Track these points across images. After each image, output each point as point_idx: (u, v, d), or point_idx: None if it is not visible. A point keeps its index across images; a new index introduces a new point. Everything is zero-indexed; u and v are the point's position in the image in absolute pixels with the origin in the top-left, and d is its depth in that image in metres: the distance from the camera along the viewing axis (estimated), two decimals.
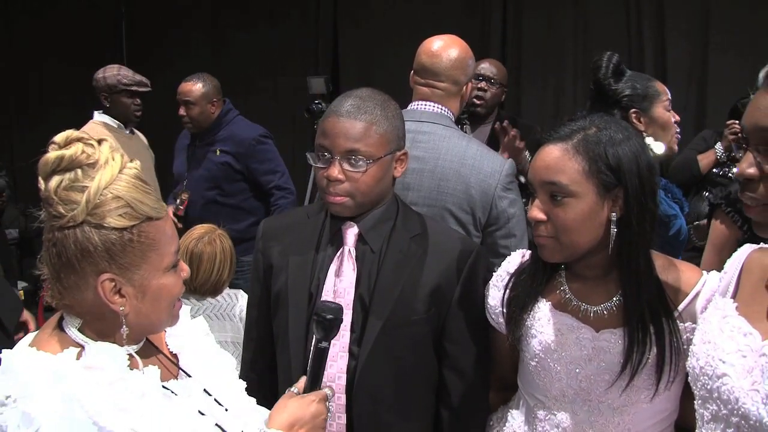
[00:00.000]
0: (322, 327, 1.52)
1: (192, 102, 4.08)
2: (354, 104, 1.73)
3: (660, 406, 1.59)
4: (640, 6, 5.16)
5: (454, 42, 2.48)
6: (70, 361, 1.18)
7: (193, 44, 6.55)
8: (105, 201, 1.18)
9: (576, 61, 5.40)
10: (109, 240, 1.19)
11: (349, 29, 6.20)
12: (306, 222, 1.89)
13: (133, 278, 1.23)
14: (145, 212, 1.22)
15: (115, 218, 1.19)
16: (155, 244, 1.23)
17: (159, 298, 1.28)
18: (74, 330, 1.24)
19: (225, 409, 1.38)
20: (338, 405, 1.75)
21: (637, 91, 2.54)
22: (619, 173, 1.51)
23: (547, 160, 1.55)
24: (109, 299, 1.22)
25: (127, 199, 1.20)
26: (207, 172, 4.15)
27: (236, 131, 4.17)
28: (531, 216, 1.56)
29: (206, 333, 1.53)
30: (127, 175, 1.22)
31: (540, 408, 1.66)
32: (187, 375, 1.40)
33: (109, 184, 1.19)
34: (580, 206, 1.51)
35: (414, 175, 2.31)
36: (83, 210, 1.17)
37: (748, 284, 1.38)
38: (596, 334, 1.58)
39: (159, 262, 1.25)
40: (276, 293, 1.85)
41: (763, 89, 1.20)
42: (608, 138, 1.53)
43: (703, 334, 1.37)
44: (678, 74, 4.99)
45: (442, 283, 1.78)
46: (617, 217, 1.53)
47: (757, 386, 1.20)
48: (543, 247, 1.58)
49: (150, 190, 1.24)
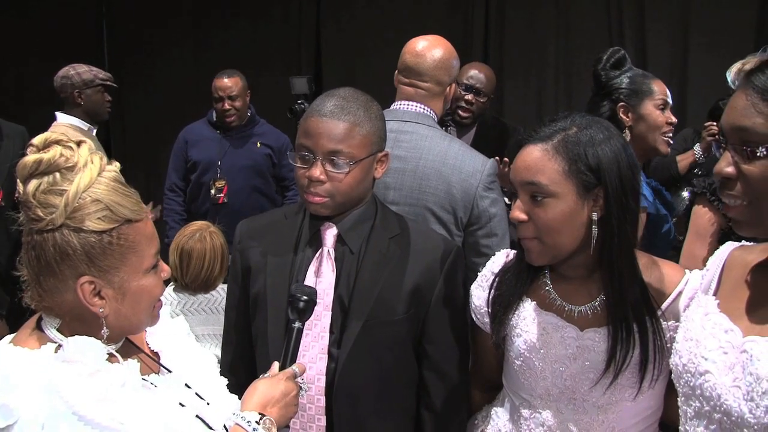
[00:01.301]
0: (296, 309, 1.54)
1: (237, 95, 4.39)
2: (337, 104, 1.72)
3: (644, 404, 1.60)
4: (621, 6, 5.20)
5: (438, 42, 2.48)
6: (49, 354, 1.19)
7: (175, 43, 6.50)
8: (84, 204, 1.18)
9: (558, 61, 5.43)
10: (88, 243, 1.19)
11: (331, 29, 6.18)
12: (284, 223, 1.87)
13: (113, 280, 1.23)
14: (125, 215, 1.22)
15: (94, 221, 1.19)
16: (135, 246, 1.24)
17: (139, 300, 1.28)
18: (53, 330, 1.24)
19: (207, 402, 1.38)
20: (318, 407, 1.74)
21: (628, 85, 2.56)
22: (599, 173, 1.52)
23: (527, 161, 1.55)
24: (89, 301, 1.22)
25: (106, 202, 1.20)
26: (252, 162, 4.47)
27: (270, 128, 4.60)
28: (513, 216, 1.57)
29: (187, 332, 1.53)
30: (106, 177, 1.21)
31: (525, 407, 1.66)
32: (168, 371, 1.39)
33: (88, 188, 1.19)
34: (560, 206, 1.52)
35: (396, 175, 2.31)
36: (62, 213, 1.17)
37: (730, 281, 1.39)
38: (581, 333, 1.58)
39: (139, 264, 1.25)
40: (255, 295, 1.84)
41: (739, 90, 1.22)
42: (588, 138, 1.53)
43: (686, 331, 1.37)
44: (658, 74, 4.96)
45: (422, 284, 1.77)
46: (598, 217, 1.53)
47: (738, 382, 1.21)
48: (529, 252, 1.58)
49: (129, 193, 1.24)
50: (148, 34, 6.53)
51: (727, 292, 1.37)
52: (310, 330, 1.75)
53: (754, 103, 1.18)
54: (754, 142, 1.17)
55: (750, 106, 1.18)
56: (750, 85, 1.20)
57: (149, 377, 1.32)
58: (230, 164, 4.42)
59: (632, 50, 5.11)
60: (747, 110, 1.19)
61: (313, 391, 1.74)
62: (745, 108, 1.19)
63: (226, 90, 4.38)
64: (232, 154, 4.44)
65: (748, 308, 1.29)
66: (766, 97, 1.17)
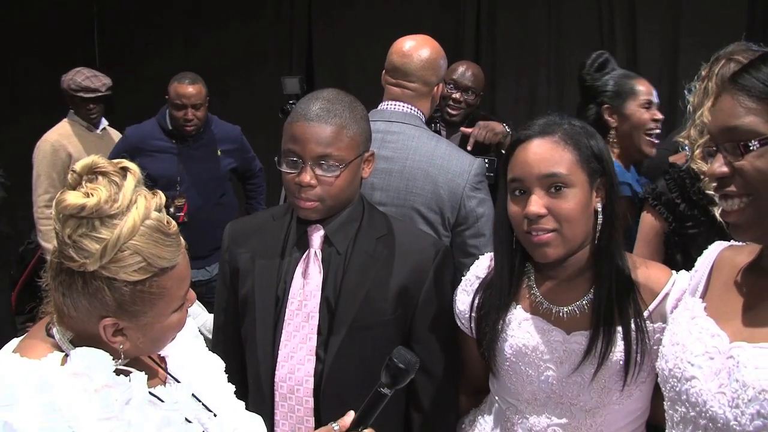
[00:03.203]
0: (390, 374, 1.43)
1: (201, 104, 3.95)
2: (323, 107, 1.70)
3: (632, 407, 1.60)
4: (613, 6, 5.20)
5: (425, 42, 2.47)
6: (54, 367, 1.15)
7: (166, 43, 6.48)
8: (122, 257, 1.13)
9: (549, 60, 5.43)
10: (120, 292, 1.16)
11: (323, 29, 6.16)
12: (272, 225, 1.87)
13: (138, 323, 1.21)
14: (161, 265, 1.18)
15: (129, 273, 1.15)
16: (166, 293, 1.21)
17: (161, 337, 1.27)
18: (64, 339, 1.21)
19: (213, 414, 1.37)
20: (307, 409, 1.74)
21: (612, 87, 2.60)
22: (602, 162, 1.55)
23: (540, 153, 1.54)
24: (110, 339, 1.20)
25: (145, 255, 1.15)
26: (214, 174, 4.08)
27: (223, 129, 4.18)
28: (531, 211, 1.52)
29: (195, 335, 1.51)
30: (148, 227, 1.16)
31: (512, 412, 1.66)
32: (175, 380, 1.37)
33: (129, 239, 1.13)
34: (578, 195, 1.53)
35: (382, 175, 2.30)
36: (96, 261, 1.12)
37: (718, 283, 1.38)
38: (567, 337, 1.58)
39: (167, 308, 1.23)
40: (243, 297, 1.83)
41: (724, 94, 1.24)
42: (584, 129, 1.57)
43: (672, 335, 1.37)
44: (649, 74, 4.99)
45: (409, 284, 1.77)
46: (602, 206, 1.56)
47: (724, 389, 1.20)
48: (545, 246, 1.54)
49: (170, 241, 1.19)
50: (139, 36, 6.51)
51: (715, 295, 1.37)
52: (298, 332, 1.75)
53: (741, 101, 1.19)
54: (745, 139, 1.18)
55: (737, 106, 1.20)
56: (736, 86, 1.21)
57: (156, 389, 1.28)
58: (191, 179, 3.99)
59: (623, 51, 5.13)
60: (734, 110, 1.20)
61: (301, 392, 1.73)
62: (732, 108, 1.21)
63: (191, 98, 3.91)
64: (193, 168, 4.00)
65: (736, 312, 1.29)
66: (752, 93, 1.18)
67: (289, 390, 1.74)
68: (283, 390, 1.75)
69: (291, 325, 1.75)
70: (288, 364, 1.74)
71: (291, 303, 1.76)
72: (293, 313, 1.76)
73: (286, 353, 1.75)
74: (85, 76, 4.25)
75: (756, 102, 1.18)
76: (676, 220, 2.16)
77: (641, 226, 2.29)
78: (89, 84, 4.24)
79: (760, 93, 1.18)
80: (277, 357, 1.75)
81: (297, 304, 1.76)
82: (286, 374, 1.74)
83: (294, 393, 1.74)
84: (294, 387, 1.73)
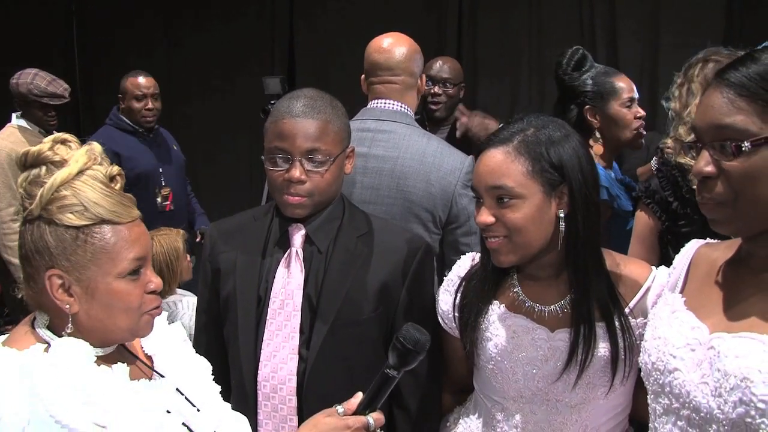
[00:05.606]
0: (398, 354, 1.35)
1: (157, 94, 4.04)
2: (307, 104, 1.73)
3: (615, 402, 1.61)
4: (593, 5, 5.23)
5: (401, 38, 2.48)
6: (36, 356, 1.18)
7: (147, 43, 6.43)
8: (58, 197, 1.19)
9: (531, 59, 5.45)
10: (59, 237, 1.20)
11: (305, 29, 6.15)
12: (253, 224, 1.87)
13: (81, 278, 1.22)
14: (100, 214, 1.21)
15: (66, 216, 1.20)
16: (108, 248, 1.22)
17: (110, 304, 1.25)
18: (44, 329, 1.25)
19: (197, 409, 1.37)
20: (290, 407, 1.73)
21: (592, 88, 2.57)
22: (562, 170, 1.53)
23: (490, 165, 1.55)
24: (56, 296, 1.22)
25: (82, 199, 1.20)
26: (180, 165, 4.29)
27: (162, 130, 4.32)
28: (479, 221, 1.56)
29: (183, 339, 1.51)
30: (89, 176, 1.22)
31: (498, 410, 1.66)
32: (161, 376, 1.38)
33: (65, 182, 1.19)
34: (527, 206, 1.52)
35: (374, 174, 2.30)
36: (37, 205, 1.19)
37: (696, 279, 1.39)
38: (551, 334, 1.58)
39: (111, 266, 1.23)
40: (225, 298, 1.82)
41: (711, 89, 1.21)
42: (547, 137, 1.55)
43: (654, 329, 1.38)
44: (629, 73, 5.00)
45: (389, 282, 1.77)
46: (565, 214, 1.54)
47: (706, 379, 1.21)
48: (497, 252, 1.57)
49: (112, 194, 1.24)
50: (119, 35, 6.46)
51: (694, 290, 1.38)
52: (280, 331, 1.74)
53: (731, 99, 1.17)
54: (736, 139, 1.16)
55: (728, 103, 1.17)
56: (724, 82, 1.19)
57: (139, 382, 1.31)
58: (168, 169, 4.16)
59: (603, 48, 5.16)
60: (725, 107, 1.17)
61: (284, 391, 1.73)
62: (722, 105, 1.18)
63: (150, 88, 4.00)
64: (165, 159, 4.17)
65: (715, 305, 1.30)
66: (743, 92, 1.16)
67: (272, 389, 1.73)
68: (266, 389, 1.74)
69: (273, 325, 1.75)
70: (270, 363, 1.74)
71: (273, 302, 1.76)
72: (275, 313, 1.75)
73: (268, 352, 1.74)
74: (47, 80, 3.98)
75: (747, 102, 1.15)
76: (669, 218, 2.17)
77: (636, 224, 2.29)
78: (54, 90, 3.98)
79: (750, 92, 1.15)
80: (260, 356, 1.75)
81: (279, 304, 1.75)
82: (268, 373, 1.74)
83: (277, 392, 1.73)
84: (277, 386, 1.73)
